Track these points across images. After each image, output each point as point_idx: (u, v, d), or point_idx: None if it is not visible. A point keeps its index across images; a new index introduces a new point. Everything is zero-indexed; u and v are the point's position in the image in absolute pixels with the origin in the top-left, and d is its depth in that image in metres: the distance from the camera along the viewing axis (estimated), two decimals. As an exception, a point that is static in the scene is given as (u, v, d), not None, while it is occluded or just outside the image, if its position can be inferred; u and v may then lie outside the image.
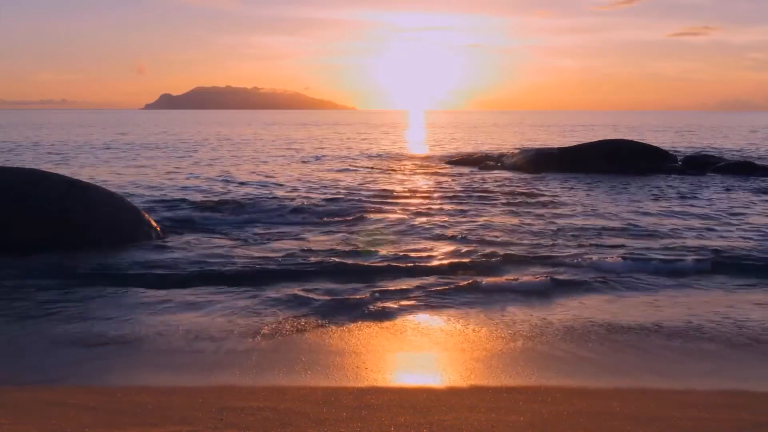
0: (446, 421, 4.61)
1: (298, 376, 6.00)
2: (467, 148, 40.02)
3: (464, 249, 11.49)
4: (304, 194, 18.61)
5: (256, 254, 11.06)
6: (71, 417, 4.63)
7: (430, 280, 9.54)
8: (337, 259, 10.64)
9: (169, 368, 6.29)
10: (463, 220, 14.59)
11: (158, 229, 12.28)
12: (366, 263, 10.47)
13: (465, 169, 26.40)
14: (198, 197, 17.76)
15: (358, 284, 9.24)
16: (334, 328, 7.48)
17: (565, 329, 7.36)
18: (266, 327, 7.48)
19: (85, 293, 8.74)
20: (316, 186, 20.73)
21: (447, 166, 28.33)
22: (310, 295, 8.67)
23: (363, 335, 7.29)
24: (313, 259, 10.64)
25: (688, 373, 6.27)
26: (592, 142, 28.69)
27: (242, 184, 21.15)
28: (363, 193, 19.02)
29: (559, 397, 5.33)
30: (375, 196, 18.40)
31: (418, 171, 26.14)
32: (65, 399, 5.14)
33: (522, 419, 4.70)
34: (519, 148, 31.00)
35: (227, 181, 22.00)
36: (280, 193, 18.87)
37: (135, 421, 4.55)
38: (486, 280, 9.35)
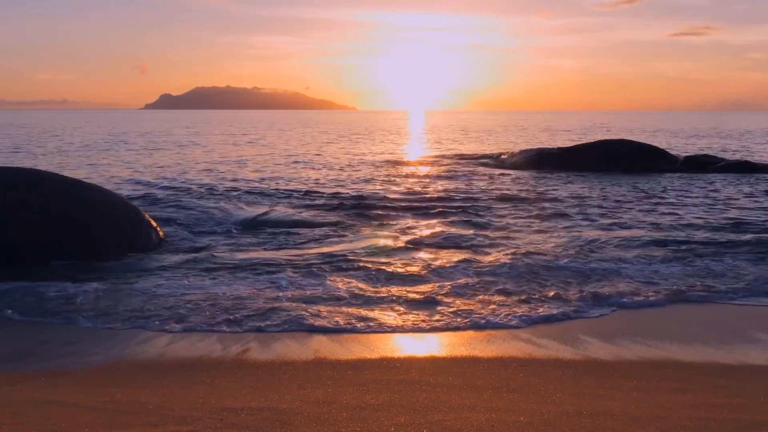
0: (446, 421, 4.61)
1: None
2: (467, 148, 40.02)
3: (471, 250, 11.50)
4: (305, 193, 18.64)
5: (263, 254, 11.07)
6: (71, 417, 4.63)
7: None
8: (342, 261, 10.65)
9: (170, 368, 6.30)
10: (465, 219, 14.59)
11: (158, 229, 12.29)
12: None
13: (465, 169, 26.38)
14: (190, 195, 17.81)
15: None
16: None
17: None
18: (272, 328, 7.48)
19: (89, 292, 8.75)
20: (320, 185, 20.76)
21: (447, 166, 28.31)
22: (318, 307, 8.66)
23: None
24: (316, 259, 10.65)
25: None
26: (591, 142, 28.73)
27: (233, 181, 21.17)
28: (365, 192, 19.04)
29: (559, 397, 5.33)
30: (375, 195, 18.41)
31: (418, 171, 26.13)
32: (65, 399, 5.14)
33: (522, 419, 4.70)
34: (519, 148, 31.03)
35: (224, 180, 22.03)
36: (278, 189, 18.92)
37: (135, 421, 4.55)
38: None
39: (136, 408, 4.89)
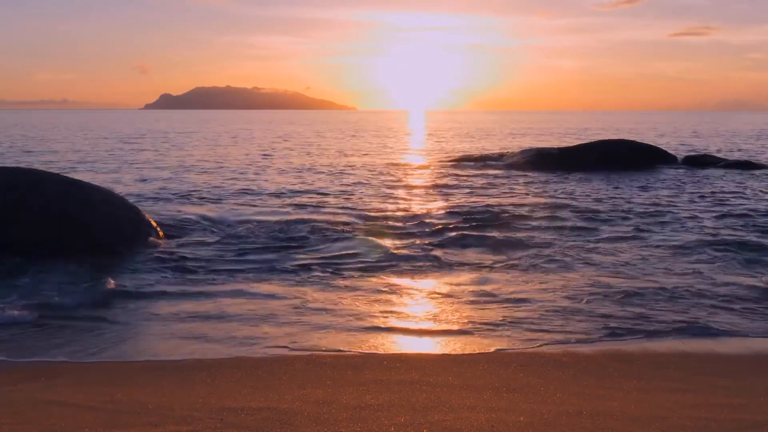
0: (446, 421, 4.61)
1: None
2: (469, 148, 40.02)
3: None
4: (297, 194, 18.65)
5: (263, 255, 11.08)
6: (71, 417, 4.63)
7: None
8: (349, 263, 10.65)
9: (170, 368, 6.30)
10: (467, 219, 14.59)
11: (158, 229, 12.29)
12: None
13: (465, 169, 26.34)
14: (192, 196, 17.85)
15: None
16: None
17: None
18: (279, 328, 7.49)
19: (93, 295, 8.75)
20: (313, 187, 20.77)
21: (447, 165, 28.28)
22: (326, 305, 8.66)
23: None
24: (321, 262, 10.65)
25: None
26: (591, 142, 28.74)
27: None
28: (369, 196, 19.04)
29: (559, 397, 5.33)
30: (376, 194, 18.43)
31: (418, 171, 26.12)
32: (65, 399, 5.14)
33: (522, 419, 4.70)
34: (519, 148, 31.03)
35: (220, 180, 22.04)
36: (269, 190, 18.93)
37: (135, 421, 4.56)
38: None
39: (136, 408, 4.89)
